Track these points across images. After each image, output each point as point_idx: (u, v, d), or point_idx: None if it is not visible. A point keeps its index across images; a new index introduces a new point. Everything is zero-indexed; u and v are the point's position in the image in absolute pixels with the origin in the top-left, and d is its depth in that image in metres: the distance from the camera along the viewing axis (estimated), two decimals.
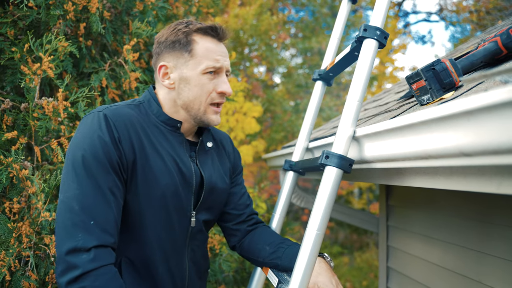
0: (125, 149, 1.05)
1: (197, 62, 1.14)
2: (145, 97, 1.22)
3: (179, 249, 1.18)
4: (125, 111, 1.11)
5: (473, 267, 1.67)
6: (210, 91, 1.17)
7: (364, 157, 1.10)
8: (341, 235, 9.60)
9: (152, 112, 1.18)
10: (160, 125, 1.17)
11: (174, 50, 1.15)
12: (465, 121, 0.68)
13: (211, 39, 1.17)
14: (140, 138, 1.10)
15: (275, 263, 1.28)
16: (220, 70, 1.18)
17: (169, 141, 1.17)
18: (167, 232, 1.14)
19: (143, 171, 1.08)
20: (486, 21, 4.38)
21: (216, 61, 1.15)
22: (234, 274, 2.70)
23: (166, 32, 1.18)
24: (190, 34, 1.15)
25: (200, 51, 1.14)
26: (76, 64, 1.98)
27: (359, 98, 1.10)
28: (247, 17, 7.37)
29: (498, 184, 0.76)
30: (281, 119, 8.20)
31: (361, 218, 3.26)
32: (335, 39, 1.60)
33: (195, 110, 1.18)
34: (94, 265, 0.94)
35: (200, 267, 1.28)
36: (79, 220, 0.96)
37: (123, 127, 1.07)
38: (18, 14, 1.71)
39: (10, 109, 1.63)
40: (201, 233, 1.26)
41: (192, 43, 1.14)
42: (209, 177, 1.24)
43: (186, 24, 1.16)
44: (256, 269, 1.47)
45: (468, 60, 1.11)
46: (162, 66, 1.17)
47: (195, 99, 1.16)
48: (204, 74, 1.15)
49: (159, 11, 2.17)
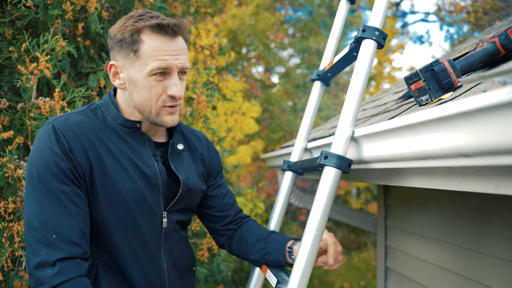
0: (78, 159, 1.03)
1: (142, 64, 1.05)
2: (104, 100, 1.18)
3: (153, 252, 1.16)
4: (75, 119, 1.08)
5: (472, 267, 1.67)
6: (160, 94, 1.08)
7: (362, 157, 1.10)
8: (339, 235, 9.61)
9: (109, 115, 1.13)
10: (118, 127, 1.12)
11: (122, 48, 1.07)
12: (464, 122, 0.68)
13: (160, 37, 1.05)
14: (93, 145, 1.06)
15: (266, 259, 1.29)
16: (170, 71, 1.07)
17: (128, 143, 1.12)
18: (136, 237, 1.12)
19: (101, 179, 1.06)
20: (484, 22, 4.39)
21: (163, 61, 1.05)
22: (233, 274, 2.70)
23: (116, 26, 1.10)
24: (136, 32, 1.05)
25: (146, 51, 1.05)
26: (74, 64, 1.97)
27: (358, 98, 1.10)
28: (244, 17, 7.37)
29: (496, 184, 0.76)
30: (279, 119, 8.20)
31: (359, 218, 3.27)
32: (334, 39, 1.60)
33: (147, 113, 1.11)
34: (59, 280, 0.93)
35: (181, 267, 1.25)
36: (40, 236, 0.96)
37: (72, 136, 1.04)
38: (16, 13, 1.70)
39: (6, 109, 1.62)
40: (176, 232, 1.23)
41: (139, 42, 1.05)
42: (186, 178, 1.21)
43: (134, 20, 1.06)
44: (254, 269, 1.47)
45: (467, 61, 1.11)
46: (112, 66, 1.11)
47: (145, 102, 1.09)
48: (150, 76, 1.06)
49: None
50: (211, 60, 2.99)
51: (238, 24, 7.48)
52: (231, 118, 5.84)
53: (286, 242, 1.27)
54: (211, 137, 2.62)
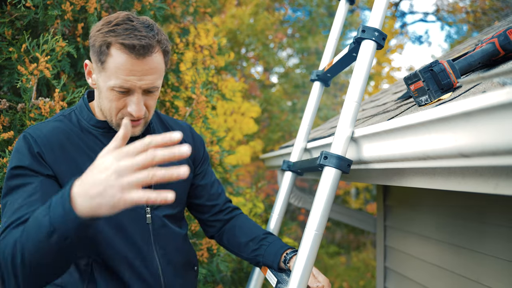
0: (48, 161, 1.04)
1: (107, 76, 1.04)
2: (78, 104, 1.19)
3: (143, 249, 1.15)
4: (47, 127, 1.10)
5: (471, 267, 1.68)
6: (120, 108, 1.08)
7: (362, 157, 1.10)
8: (338, 234, 9.62)
9: (83, 117, 1.15)
10: (92, 129, 1.14)
11: (93, 53, 1.06)
12: (464, 123, 0.69)
13: (127, 55, 1.01)
14: (66, 149, 1.08)
15: (257, 260, 1.29)
16: (132, 91, 1.05)
17: (104, 144, 1.12)
18: (121, 237, 1.12)
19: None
20: (483, 22, 4.40)
21: (126, 82, 1.02)
22: (232, 274, 2.70)
23: (94, 28, 1.07)
24: (105, 45, 1.02)
25: (111, 66, 1.02)
26: (74, 64, 1.97)
27: (357, 99, 1.10)
28: (244, 17, 7.37)
29: (495, 184, 0.77)
30: (278, 119, 8.20)
31: (359, 218, 3.27)
32: (333, 40, 1.60)
33: (109, 121, 1.12)
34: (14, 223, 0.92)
35: (177, 265, 1.24)
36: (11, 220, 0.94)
37: (44, 141, 1.05)
38: (16, 14, 1.70)
39: (7, 110, 1.62)
40: (167, 228, 1.22)
41: (106, 55, 1.02)
42: None
43: (108, 30, 1.03)
44: (254, 269, 1.47)
45: (466, 61, 1.11)
46: (87, 65, 1.12)
47: (106, 110, 1.10)
48: (112, 90, 1.05)
49: (157, 12, 2.17)
50: (210, 60, 2.99)
51: (237, 24, 7.48)
52: (231, 118, 5.85)
53: (283, 250, 1.26)
54: (210, 137, 2.62)
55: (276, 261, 1.25)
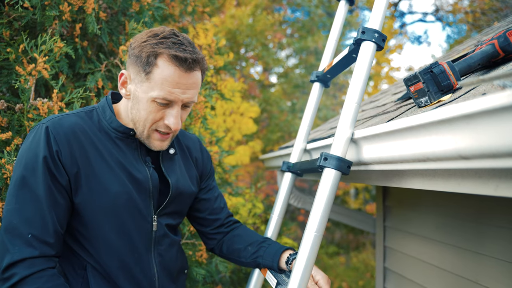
0: (64, 162, 1.04)
1: (150, 87, 1.05)
2: (100, 103, 1.19)
3: (142, 256, 1.16)
4: (69, 121, 1.09)
5: (470, 268, 1.68)
6: (157, 120, 1.10)
7: (362, 159, 1.10)
8: (337, 235, 9.62)
9: (105, 118, 1.15)
10: (111, 131, 1.14)
11: (136, 64, 1.07)
12: (464, 125, 0.68)
13: (174, 67, 1.03)
14: (84, 147, 1.08)
15: (257, 262, 1.30)
16: (174, 103, 1.08)
17: (120, 148, 1.14)
18: (123, 240, 1.12)
19: (88, 181, 1.07)
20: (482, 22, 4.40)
21: (170, 94, 1.05)
22: (231, 274, 2.69)
23: (138, 39, 1.09)
24: (153, 55, 1.03)
25: (157, 77, 1.04)
26: (72, 65, 1.97)
27: (357, 100, 1.10)
28: (243, 17, 7.37)
29: (495, 186, 0.77)
30: (278, 119, 8.20)
31: (358, 219, 3.27)
32: (333, 41, 1.60)
33: (139, 131, 1.13)
34: (30, 271, 0.96)
35: (171, 271, 1.26)
36: (17, 233, 0.98)
37: (63, 139, 1.05)
38: (13, 15, 1.69)
39: (5, 110, 1.62)
40: (167, 237, 1.23)
41: (153, 65, 1.04)
42: (175, 182, 1.22)
43: (156, 41, 1.05)
44: (254, 270, 1.47)
45: (466, 63, 1.11)
46: (123, 75, 1.12)
47: (140, 121, 1.11)
48: (153, 101, 1.06)
49: (155, 11, 2.16)
50: (209, 60, 2.98)
51: (236, 25, 7.47)
52: (230, 119, 5.84)
53: (283, 249, 1.27)
54: (210, 137, 2.62)
55: (275, 260, 1.25)
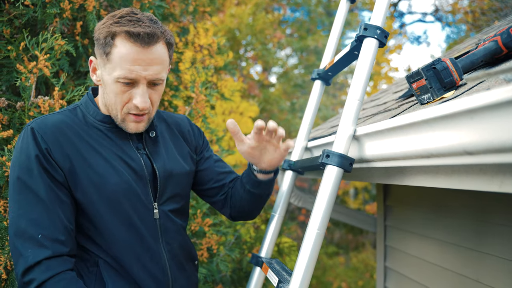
0: (56, 158, 1.04)
1: (112, 68, 1.04)
2: (83, 100, 1.18)
3: (151, 245, 1.15)
4: (54, 119, 1.08)
5: (471, 266, 1.67)
6: (125, 101, 1.08)
7: (364, 156, 1.10)
8: (336, 235, 9.61)
9: (89, 113, 1.14)
10: (99, 124, 1.13)
11: (98, 47, 1.06)
12: (469, 120, 0.68)
13: (131, 44, 1.01)
14: (73, 144, 1.07)
15: (243, 185, 1.32)
16: (137, 81, 1.05)
17: (111, 139, 1.13)
18: (130, 231, 1.12)
19: (85, 176, 1.06)
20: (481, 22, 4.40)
21: (131, 72, 1.02)
22: (232, 274, 2.69)
23: (99, 23, 1.08)
24: (110, 35, 1.02)
25: (115, 57, 1.02)
26: (73, 63, 1.96)
27: (360, 97, 1.10)
28: (243, 15, 7.37)
29: (500, 183, 0.76)
30: (278, 119, 8.20)
31: (359, 218, 3.27)
32: (334, 39, 1.60)
33: (114, 116, 1.12)
34: (48, 275, 0.95)
35: (181, 259, 1.25)
36: (27, 237, 0.98)
37: (51, 137, 1.04)
38: (14, 12, 1.69)
39: (5, 108, 1.61)
40: (172, 223, 1.22)
41: (111, 46, 1.02)
42: (162, 166, 1.20)
43: (112, 22, 1.03)
44: (255, 269, 1.46)
45: (468, 59, 1.11)
46: (92, 62, 1.11)
47: (111, 105, 1.09)
48: (117, 82, 1.04)
49: (156, 10, 2.16)
50: (210, 59, 2.98)
51: (236, 23, 7.47)
52: (229, 118, 5.84)
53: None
54: (210, 136, 2.62)
55: (247, 171, 1.30)
